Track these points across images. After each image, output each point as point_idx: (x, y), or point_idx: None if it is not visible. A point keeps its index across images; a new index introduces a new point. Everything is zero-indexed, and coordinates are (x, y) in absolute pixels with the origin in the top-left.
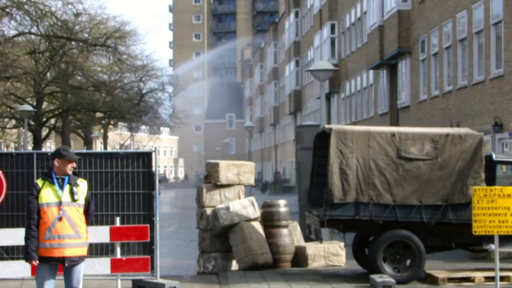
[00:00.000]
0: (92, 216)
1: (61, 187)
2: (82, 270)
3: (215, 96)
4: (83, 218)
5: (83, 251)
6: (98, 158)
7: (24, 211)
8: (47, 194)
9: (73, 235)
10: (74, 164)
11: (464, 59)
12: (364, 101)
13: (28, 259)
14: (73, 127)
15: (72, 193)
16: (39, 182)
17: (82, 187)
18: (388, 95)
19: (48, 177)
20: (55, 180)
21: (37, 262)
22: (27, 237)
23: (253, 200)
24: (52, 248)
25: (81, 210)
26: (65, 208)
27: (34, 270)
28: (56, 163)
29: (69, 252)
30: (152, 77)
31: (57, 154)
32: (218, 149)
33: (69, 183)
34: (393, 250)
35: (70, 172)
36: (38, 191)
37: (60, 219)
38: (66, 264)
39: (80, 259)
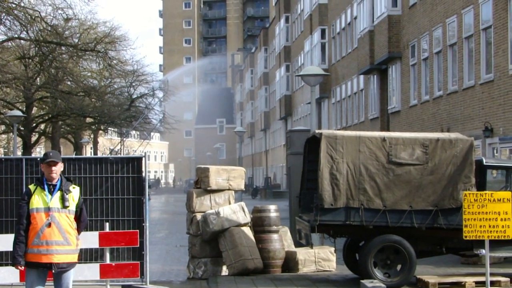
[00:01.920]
0: (84, 223)
1: (51, 193)
2: (71, 277)
3: (205, 101)
4: (73, 224)
5: (72, 258)
6: (87, 163)
7: (13, 217)
8: (37, 200)
9: (61, 241)
10: (53, 168)
11: (454, 64)
12: (355, 106)
13: (14, 263)
14: (63, 133)
15: (63, 200)
16: (31, 187)
17: (74, 193)
18: (378, 100)
19: (39, 182)
20: (45, 186)
21: (23, 267)
22: (15, 242)
23: (244, 205)
24: (40, 254)
25: (72, 216)
26: (54, 214)
27: (22, 275)
28: (42, 168)
29: (56, 259)
30: (142, 82)
31: (41, 159)
32: (208, 154)
33: (60, 189)
34: (384, 255)
35: (52, 176)
36: (30, 196)
37: (49, 225)
38: (54, 271)
39: (69, 265)
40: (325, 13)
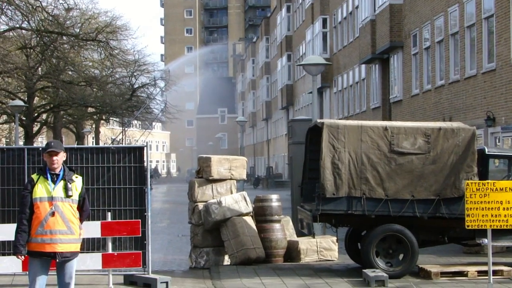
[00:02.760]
0: (87, 212)
1: (54, 182)
2: (74, 266)
3: (207, 91)
4: (76, 214)
5: (76, 247)
6: (89, 153)
7: (15, 207)
8: (41, 189)
9: (65, 230)
10: (54, 158)
11: (456, 53)
12: (357, 95)
13: (15, 252)
14: (65, 122)
15: (66, 189)
16: (34, 177)
17: (77, 183)
18: (380, 89)
19: (42, 172)
20: (48, 175)
21: (24, 256)
22: (17, 231)
23: (245, 195)
24: (44, 243)
25: (75, 206)
26: (58, 203)
27: (25, 265)
28: (44, 157)
29: (60, 248)
30: (144, 72)
31: (43, 149)
32: (210, 144)
33: (63, 178)
34: (386, 245)
35: (54, 166)
36: (33, 186)
37: (52, 214)
38: (58, 260)
39: (73, 255)
40: (327, 2)
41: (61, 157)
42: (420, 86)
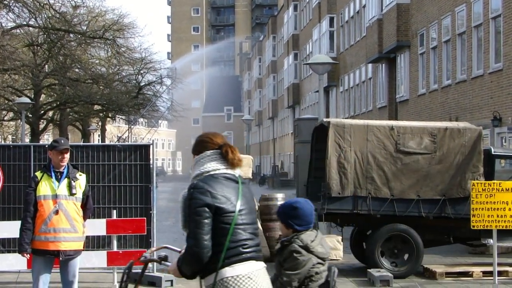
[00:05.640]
0: (90, 210)
1: (59, 180)
2: (78, 264)
3: (213, 89)
4: (80, 212)
5: (79, 245)
6: (95, 151)
7: (21, 204)
8: (45, 187)
9: (69, 229)
10: (65, 155)
11: (463, 53)
12: (363, 94)
13: (20, 251)
14: (71, 120)
15: (70, 187)
16: (38, 174)
17: (81, 181)
18: (386, 89)
19: (46, 169)
20: (52, 173)
21: (28, 254)
22: (21, 229)
23: None
24: (47, 241)
25: (79, 204)
26: (62, 201)
27: (30, 263)
28: (50, 155)
29: (64, 246)
30: (150, 70)
31: (49, 146)
32: None
33: (67, 176)
34: (391, 245)
35: (62, 164)
36: (37, 183)
37: (56, 212)
38: (61, 258)
39: (76, 253)
40: (334, 1)
41: (68, 155)
42: (426, 86)
